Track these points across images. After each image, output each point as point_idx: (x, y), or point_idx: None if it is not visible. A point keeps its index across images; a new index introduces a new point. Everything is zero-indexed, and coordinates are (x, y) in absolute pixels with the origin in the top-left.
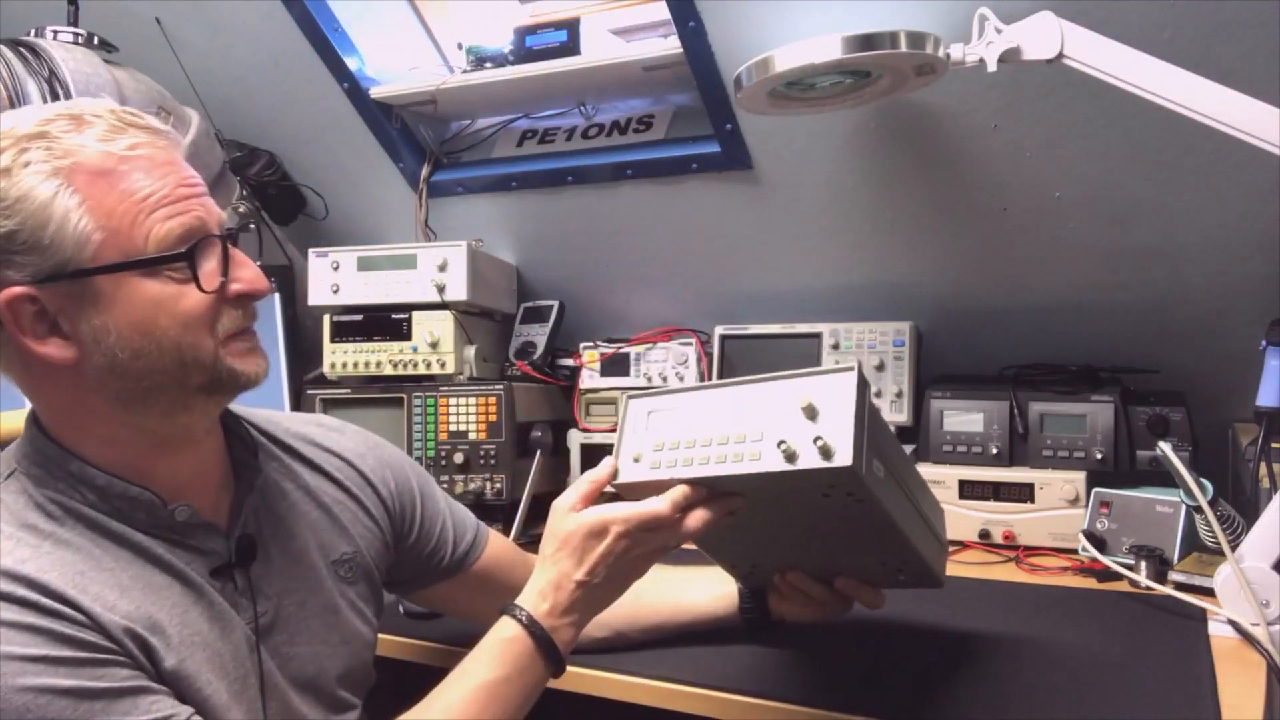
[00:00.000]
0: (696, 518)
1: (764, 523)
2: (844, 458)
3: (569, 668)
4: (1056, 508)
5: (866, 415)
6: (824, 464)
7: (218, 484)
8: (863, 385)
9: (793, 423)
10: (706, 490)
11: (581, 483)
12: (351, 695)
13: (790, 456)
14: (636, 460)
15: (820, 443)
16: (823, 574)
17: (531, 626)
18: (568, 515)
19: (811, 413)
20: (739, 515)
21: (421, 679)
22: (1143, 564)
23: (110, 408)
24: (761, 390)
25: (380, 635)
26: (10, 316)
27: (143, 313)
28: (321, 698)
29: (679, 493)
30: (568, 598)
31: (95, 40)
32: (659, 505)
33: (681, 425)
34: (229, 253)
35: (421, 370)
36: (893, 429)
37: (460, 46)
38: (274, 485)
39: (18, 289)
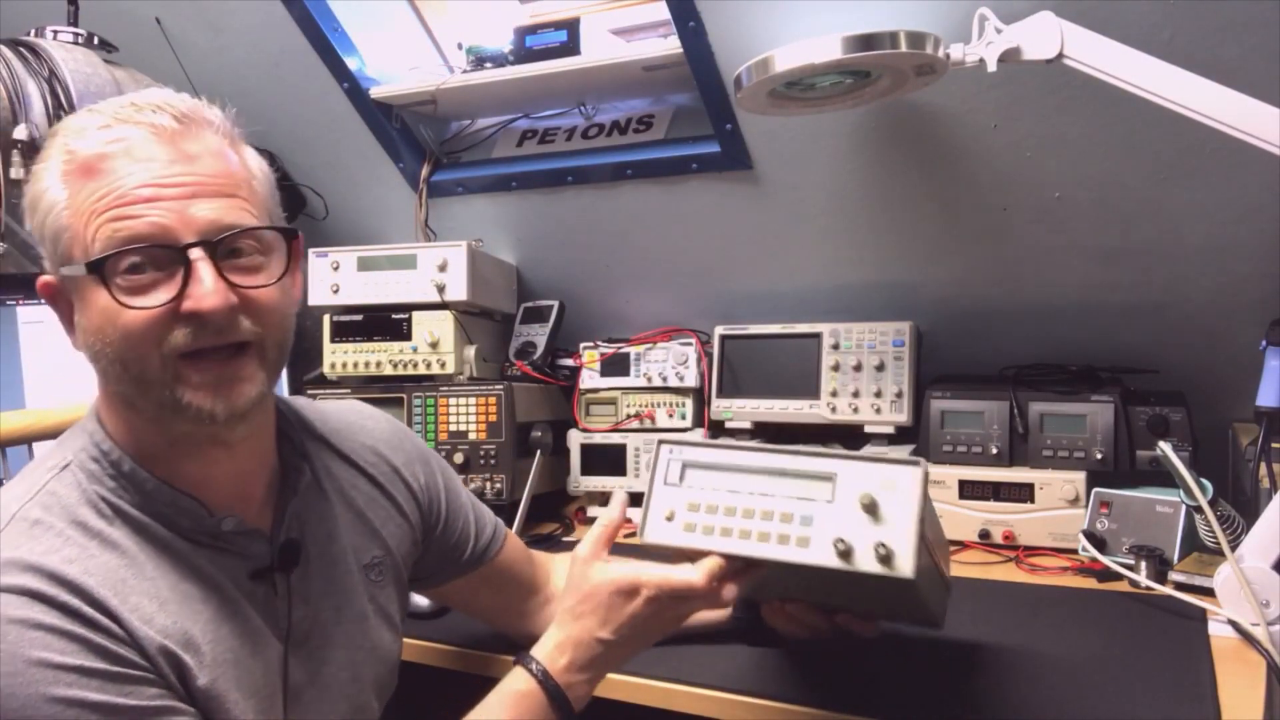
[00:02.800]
0: (730, 591)
1: (785, 576)
2: (906, 568)
3: None
4: (1056, 508)
5: (927, 517)
6: (883, 571)
7: (264, 487)
8: (925, 483)
9: (849, 515)
10: (743, 562)
11: (596, 528)
12: (378, 703)
13: (845, 555)
14: (669, 519)
15: (883, 550)
16: (824, 608)
17: (546, 681)
18: (591, 566)
19: (872, 509)
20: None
21: (423, 680)
22: (1143, 564)
23: (122, 403)
24: (813, 466)
25: None
26: (50, 302)
27: (97, 320)
28: (352, 705)
29: (715, 565)
30: (586, 654)
31: (95, 40)
32: (695, 578)
33: (721, 487)
34: (189, 265)
35: (421, 370)
36: (893, 429)
37: (460, 46)
38: (314, 486)
39: (45, 277)
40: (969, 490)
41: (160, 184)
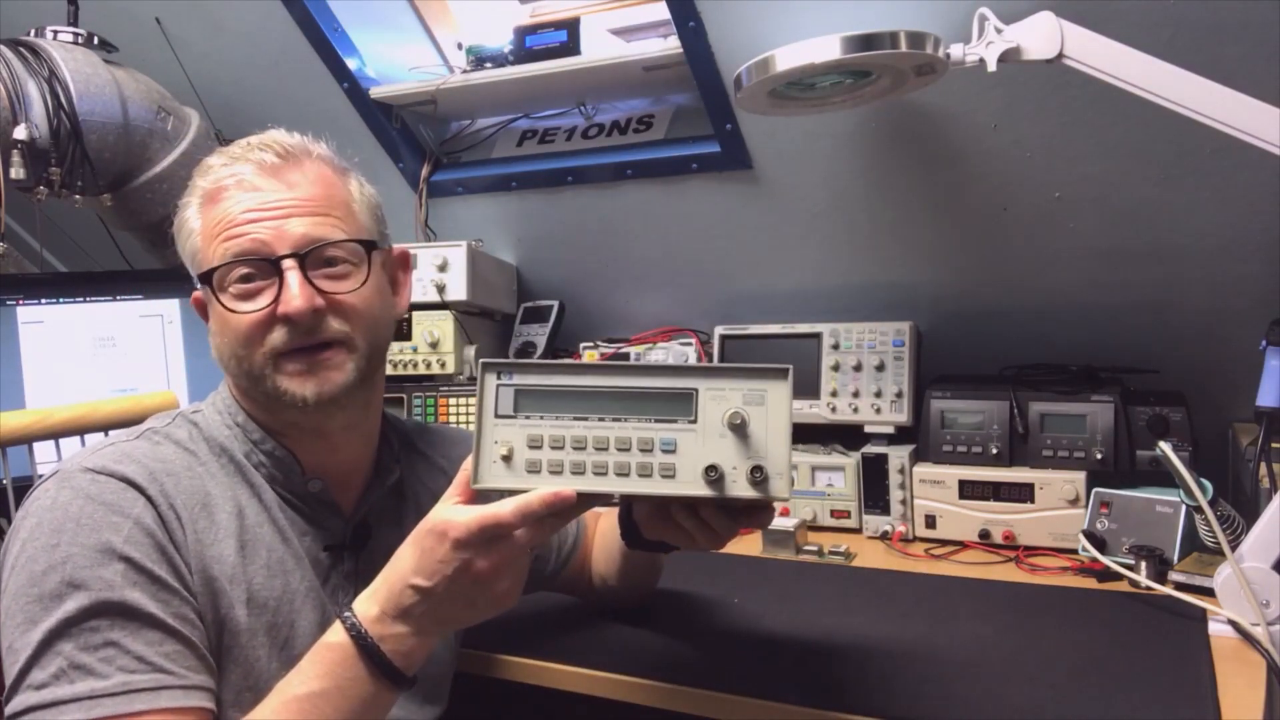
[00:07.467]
0: (554, 524)
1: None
2: (782, 490)
3: (572, 668)
4: (1056, 508)
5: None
6: (757, 495)
7: (359, 483)
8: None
9: (716, 438)
10: (596, 498)
11: (461, 472)
12: (425, 711)
13: (717, 483)
14: (507, 458)
15: (758, 475)
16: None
17: (355, 633)
18: (438, 506)
19: (741, 429)
20: None
21: None
22: (1143, 564)
23: (242, 394)
24: (669, 383)
25: None
26: (200, 314)
27: (217, 324)
28: None
29: (532, 500)
30: (399, 604)
31: (95, 40)
32: (502, 513)
33: (565, 415)
34: (282, 274)
35: (421, 370)
36: (893, 429)
37: (460, 46)
38: (398, 489)
39: (195, 293)
40: (969, 490)
41: (262, 208)
